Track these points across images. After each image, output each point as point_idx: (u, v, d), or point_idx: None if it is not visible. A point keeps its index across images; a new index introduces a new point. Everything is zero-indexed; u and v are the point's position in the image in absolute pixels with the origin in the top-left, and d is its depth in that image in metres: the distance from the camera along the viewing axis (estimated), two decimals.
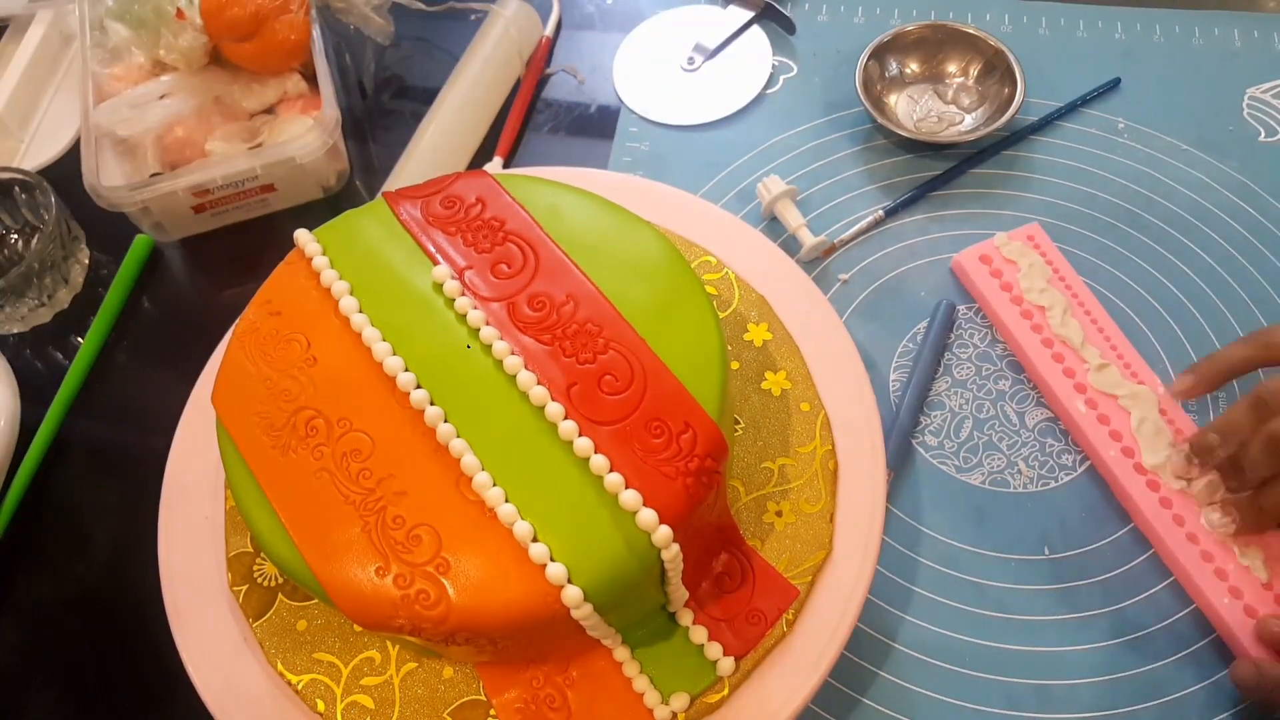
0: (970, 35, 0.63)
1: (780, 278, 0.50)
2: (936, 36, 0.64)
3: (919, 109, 0.63)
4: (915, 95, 0.64)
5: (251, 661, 0.43)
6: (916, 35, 0.64)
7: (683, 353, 0.39)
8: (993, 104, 0.62)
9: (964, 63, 0.64)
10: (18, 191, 0.61)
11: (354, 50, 0.71)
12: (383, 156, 0.65)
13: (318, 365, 0.40)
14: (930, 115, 0.62)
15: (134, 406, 0.58)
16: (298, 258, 0.44)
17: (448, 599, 0.35)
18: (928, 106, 0.63)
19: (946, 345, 0.54)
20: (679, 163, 0.63)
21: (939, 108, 0.63)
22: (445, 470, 0.37)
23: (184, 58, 0.61)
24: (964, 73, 0.64)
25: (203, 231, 0.63)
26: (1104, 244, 0.57)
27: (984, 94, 0.63)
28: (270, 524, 0.38)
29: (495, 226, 0.43)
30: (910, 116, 0.63)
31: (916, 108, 0.63)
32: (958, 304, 0.56)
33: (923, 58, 0.64)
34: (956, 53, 0.64)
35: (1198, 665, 0.45)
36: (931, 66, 0.64)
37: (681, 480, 0.36)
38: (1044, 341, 0.53)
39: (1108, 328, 0.53)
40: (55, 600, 0.53)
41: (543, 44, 0.69)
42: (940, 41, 0.64)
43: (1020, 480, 0.51)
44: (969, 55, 0.64)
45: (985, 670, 0.46)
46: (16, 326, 0.61)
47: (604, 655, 0.41)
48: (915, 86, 0.64)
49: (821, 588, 0.43)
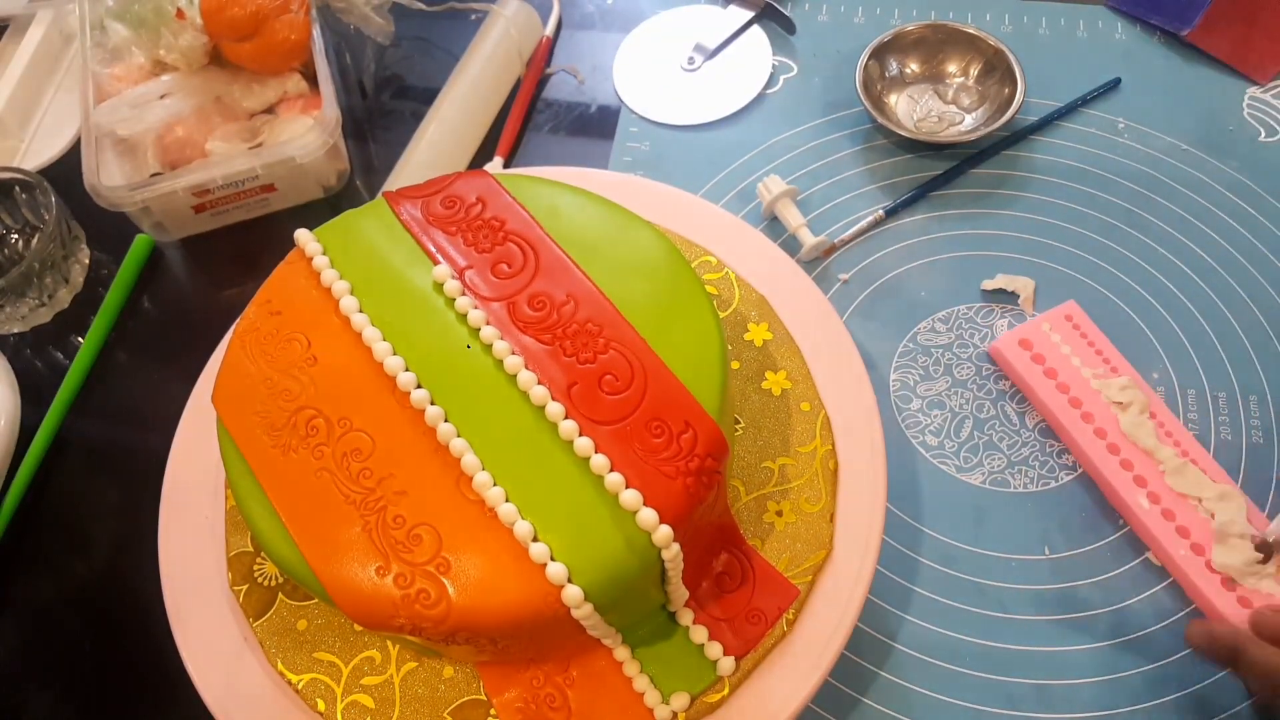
0: (970, 35, 0.63)
1: (780, 278, 0.50)
2: (936, 36, 0.64)
3: (919, 109, 0.63)
4: (915, 95, 0.64)
5: (252, 661, 0.43)
6: (916, 35, 0.64)
7: (683, 352, 0.39)
8: (993, 104, 0.62)
9: (964, 63, 0.64)
10: (18, 191, 0.61)
11: (354, 50, 0.71)
12: (383, 156, 0.65)
13: (318, 365, 0.40)
14: (930, 115, 0.62)
15: (134, 406, 0.58)
16: (298, 257, 0.44)
17: (448, 598, 0.35)
18: (928, 106, 0.63)
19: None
20: (679, 163, 0.63)
21: (939, 108, 0.63)
22: (445, 470, 0.37)
23: (184, 57, 0.61)
24: (964, 73, 0.64)
25: (203, 231, 0.63)
26: (1104, 244, 0.57)
27: (984, 94, 0.63)
28: (271, 523, 0.38)
29: (495, 226, 0.43)
30: (910, 116, 0.63)
31: (917, 108, 0.63)
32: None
33: (923, 58, 0.64)
34: (956, 53, 0.64)
35: (1197, 666, 0.45)
36: (932, 66, 0.64)
37: (682, 480, 0.36)
38: (1109, 448, 0.50)
39: (1168, 422, 0.50)
40: (55, 600, 0.53)
41: (543, 44, 0.69)
42: (940, 42, 0.64)
43: (1020, 480, 0.51)
44: (969, 55, 0.64)
45: (985, 670, 0.46)
46: (17, 326, 0.61)
47: (604, 655, 0.41)
48: (915, 86, 0.64)
49: (822, 587, 0.43)
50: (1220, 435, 0.51)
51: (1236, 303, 0.55)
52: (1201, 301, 0.55)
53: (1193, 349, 0.53)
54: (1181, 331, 0.54)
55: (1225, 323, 0.54)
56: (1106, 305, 0.55)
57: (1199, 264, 0.56)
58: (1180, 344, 0.54)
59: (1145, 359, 0.53)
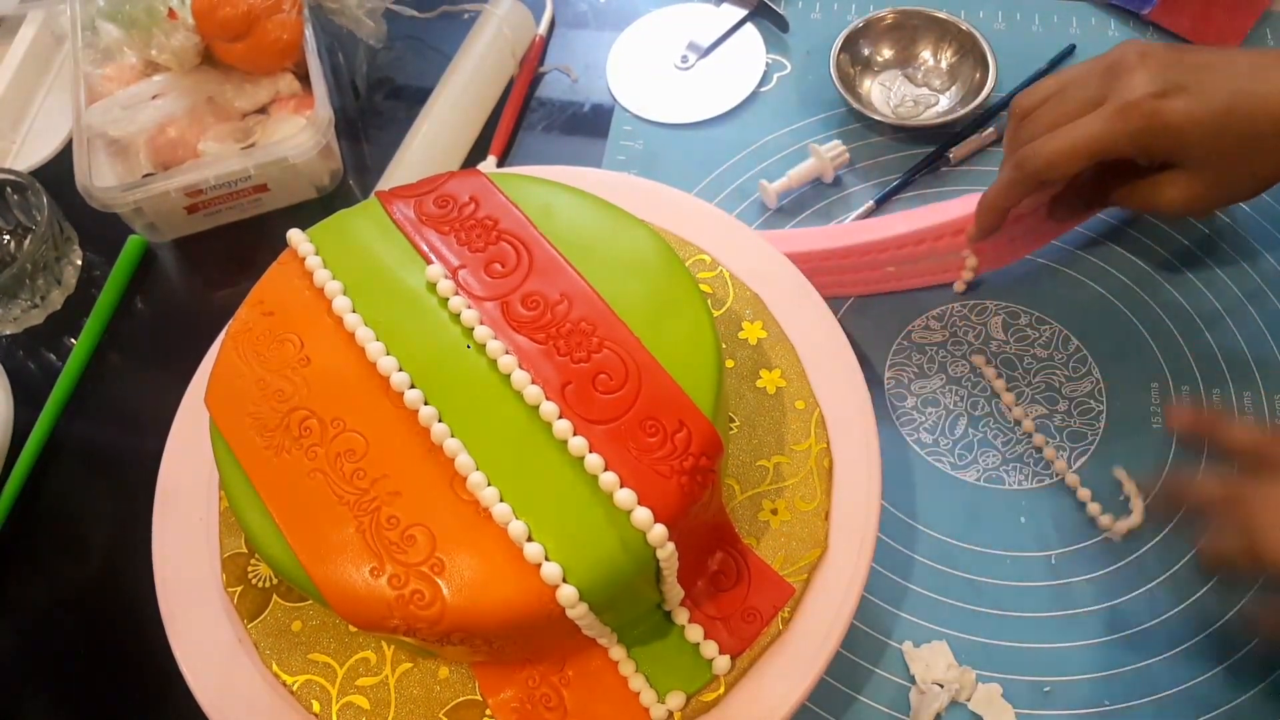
0: (941, 20, 0.64)
1: (775, 276, 0.50)
2: (909, 22, 0.65)
3: (893, 95, 0.64)
4: (887, 82, 0.65)
5: (246, 663, 0.43)
6: (889, 21, 0.65)
7: (677, 351, 0.39)
8: (964, 85, 0.63)
9: (935, 47, 0.65)
10: (10, 192, 0.61)
11: (347, 50, 0.71)
12: (376, 156, 0.65)
13: (311, 365, 0.40)
14: (906, 100, 0.63)
15: (127, 408, 0.58)
16: (291, 258, 0.44)
17: (442, 599, 0.35)
18: (901, 92, 0.64)
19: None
20: (673, 161, 0.63)
21: (913, 92, 0.64)
22: (439, 470, 0.37)
23: (176, 58, 0.61)
24: (936, 57, 0.65)
25: (196, 232, 0.63)
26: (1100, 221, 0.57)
27: (954, 75, 0.64)
28: (264, 525, 0.37)
29: (489, 226, 0.43)
30: (886, 103, 0.63)
31: (890, 94, 0.64)
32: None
33: (895, 44, 0.65)
34: (928, 38, 0.65)
35: (1193, 661, 0.45)
36: (903, 52, 0.65)
37: (676, 479, 0.36)
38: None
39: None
40: (49, 602, 0.52)
41: (536, 43, 0.69)
42: (913, 27, 0.65)
43: (1015, 478, 0.51)
44: (941, 40, 0.64)
45: (981, 667, 0.46)
46: (9, 328, 0.60)
47: (599, 654, 0.41)
48: (887, 73, 0.65)
49: (817, 585, 0.43)
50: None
51: (1234, 302, 0.55)
52: (1199, 302, 0.55)
53: (1189, 349, 0.53)
54: (1178, 332, 0.54)
55: (1222, 322, 0.54)
56: (1103, 303, 0.55)
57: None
58: (1178, 344, 0.54)
59: (1144, 365, 0.53)
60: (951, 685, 0.45)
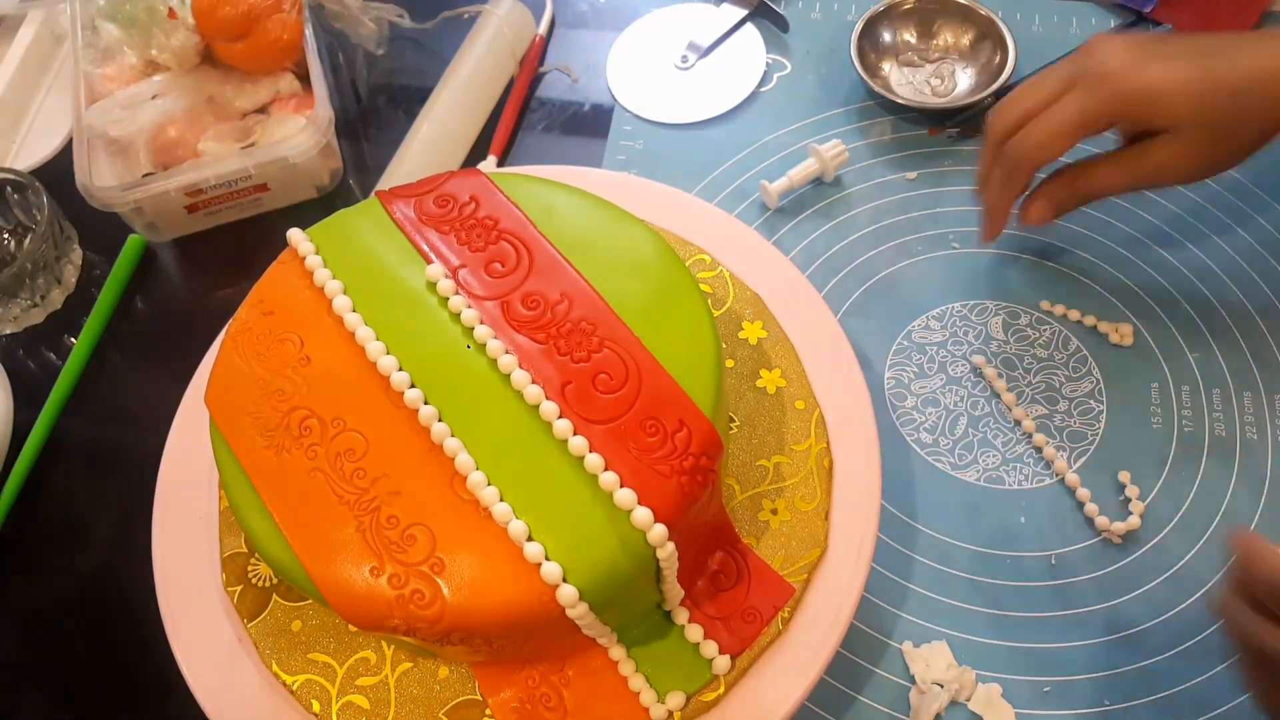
0: (962, 5, 0.64)
1: (775, 276, 0.50)
2: (929, 7, 0.65)
3: (915, 77, 0.64)
4: (905, 65, 0.65)
5: (246, 662, 0.43)
6: (909, 6, 0.65)
7: (677, 351, 0.39)
8: (983, 71, 0.63)
9: (956, 32, 0.65)
10: (10, 192, 0.61)
11: (347, 49, 0.71)
12: (376, 155, 0.65)
13: (311, 365, 0.40)
14: (926, 82, 0.64)
15: (127, 407, 0.58)
16: (291, 257, 0.44)
17: (442, 599, 0.35)
18: (919, 75, 0.64)
19: None
20: (673, 161, 0.63)
21: (930, 75, 0.64)
22: (439, 470, 0.37)
23: (176, 57, 0.61)
24: (956, 42, 0.65)
25: (196, 231, 0.63)
26: (1097, 217, 0.57)
27: (974, 59, 0.64)
28: (264, 524, 0.37)
29: (489, 225, 0.43)
30: (904, 86, 0.64)
31: (909, 76, 0.64)
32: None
33: (915, 28, 0.65)
34: (949, 23, 0.65)
35: (1194, 661, 0.45)
36: (924, 37, 0.65)
37: (676, 478, 0.36)
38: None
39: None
40: (49, 601, 0.52)
41: (536, 42, 0.69)
42: (933, 12, 0.65)
43: (1015, 477, 0.51)
44: (961, 25, 0.65)
45: (981, 667, 0.46)
46: (9, 327, 0.60)
47: (599, 654, 0.41)
48: (905, 55, 0.65)
49: (817, 585, 0.43)
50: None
51: (1233, 301, 0.55)
52: (1198, 299, 0.55)
53: (1188, 347, 0.53)
54: (1176, 329, 0.54)
55: (1221, 322, 0.54)
56: (1102, 304, 0.55)
57: (1197, 264, 0.56)
58: (1176, 343, 0.54)
59: (1143, 358, 0.53)
60: (951, 685, 0.45)
